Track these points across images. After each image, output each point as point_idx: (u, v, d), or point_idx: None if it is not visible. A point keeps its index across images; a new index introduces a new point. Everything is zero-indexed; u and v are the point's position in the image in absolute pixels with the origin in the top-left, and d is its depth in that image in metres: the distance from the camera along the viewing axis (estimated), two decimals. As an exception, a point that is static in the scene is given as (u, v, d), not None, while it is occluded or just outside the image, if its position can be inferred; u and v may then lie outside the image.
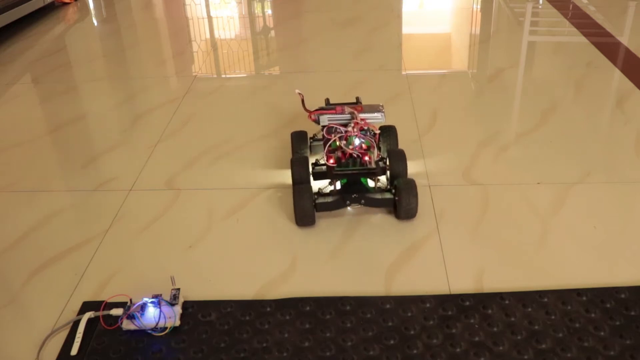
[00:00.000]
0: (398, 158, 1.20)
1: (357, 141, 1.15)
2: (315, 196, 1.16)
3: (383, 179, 1.23)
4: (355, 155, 1.13)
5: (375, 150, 1.17)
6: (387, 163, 1.22)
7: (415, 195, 1.13)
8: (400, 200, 1.13)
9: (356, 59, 2.08)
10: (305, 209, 1.13)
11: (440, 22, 2.75)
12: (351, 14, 2.60)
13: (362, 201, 1.16)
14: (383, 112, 1.25)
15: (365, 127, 1.19)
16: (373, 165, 1.13)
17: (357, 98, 1.36)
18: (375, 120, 1.23)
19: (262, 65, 2.14)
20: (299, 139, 1.32)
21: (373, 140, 1.17)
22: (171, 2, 3.05)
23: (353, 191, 1.17)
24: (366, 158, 1.13)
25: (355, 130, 1.17)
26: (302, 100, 1.27)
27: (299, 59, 2.16)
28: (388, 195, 1.16)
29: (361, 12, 2.62)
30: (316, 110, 1.25)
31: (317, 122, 1.24)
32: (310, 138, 1.34)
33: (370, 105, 1.27)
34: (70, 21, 2.73)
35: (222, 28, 2.63)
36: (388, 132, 1.30)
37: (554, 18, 2.48)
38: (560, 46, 2.18)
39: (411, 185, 1.13)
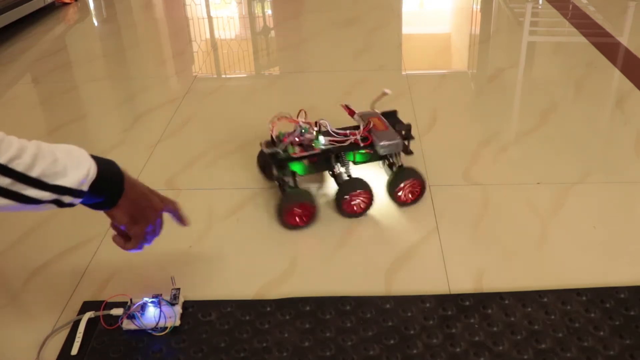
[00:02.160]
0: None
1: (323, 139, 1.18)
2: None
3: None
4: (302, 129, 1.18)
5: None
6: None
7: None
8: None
9: (356, 59, 2.08)
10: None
11: (440, 22, 2.75)
12: (351, 14, 2.60)
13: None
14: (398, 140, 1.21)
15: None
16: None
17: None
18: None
19: (262, 65, 2.14)
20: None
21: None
22: (171, 2, 3.05)
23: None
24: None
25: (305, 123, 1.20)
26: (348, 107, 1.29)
27: (299, 59, 2.16)
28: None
29: (361, 12, 2.62)
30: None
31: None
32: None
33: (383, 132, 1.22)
34: (71, 21, 2.73)
35: (222, 28, 2.64)
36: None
37: (554, 18, 2.48)
38: (560, 46, 2.18)
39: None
